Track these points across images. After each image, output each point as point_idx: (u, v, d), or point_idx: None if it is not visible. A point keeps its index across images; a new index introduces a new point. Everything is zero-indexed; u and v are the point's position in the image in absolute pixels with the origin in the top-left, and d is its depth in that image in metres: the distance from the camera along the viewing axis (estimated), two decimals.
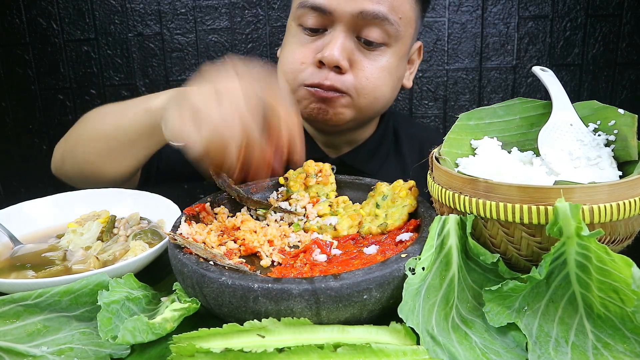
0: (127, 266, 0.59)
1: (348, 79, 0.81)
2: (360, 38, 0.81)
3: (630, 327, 0.45)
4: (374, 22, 0.79)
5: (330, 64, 0.79)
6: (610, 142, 0.60)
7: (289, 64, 0.84)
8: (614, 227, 0.49)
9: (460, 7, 1.44)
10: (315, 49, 0.82)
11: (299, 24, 0.84)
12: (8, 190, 1.59)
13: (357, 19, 0.78)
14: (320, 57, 0.79)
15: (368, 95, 0.83)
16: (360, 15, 0.78)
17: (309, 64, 0.82)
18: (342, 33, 0.79)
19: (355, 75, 0.82)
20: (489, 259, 0.51)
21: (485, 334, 0.48)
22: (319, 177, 0.74)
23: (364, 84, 0.82)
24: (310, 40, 0.83)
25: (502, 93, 1.51)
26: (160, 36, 1.46)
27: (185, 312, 0.51)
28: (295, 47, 0.84)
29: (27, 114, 1.52)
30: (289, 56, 0.85)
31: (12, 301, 0.51)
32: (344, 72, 0.81)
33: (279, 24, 1.45)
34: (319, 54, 0.80)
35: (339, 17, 0.79)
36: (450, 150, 0.64)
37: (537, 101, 0.67)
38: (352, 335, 0.46)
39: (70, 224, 0.75)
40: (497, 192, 0.50)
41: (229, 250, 0.61)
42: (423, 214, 0.63)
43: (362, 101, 0.84)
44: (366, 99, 0.84)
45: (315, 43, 0.82)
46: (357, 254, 0.59)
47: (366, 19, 0.78)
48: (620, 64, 1.48)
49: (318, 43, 0.82)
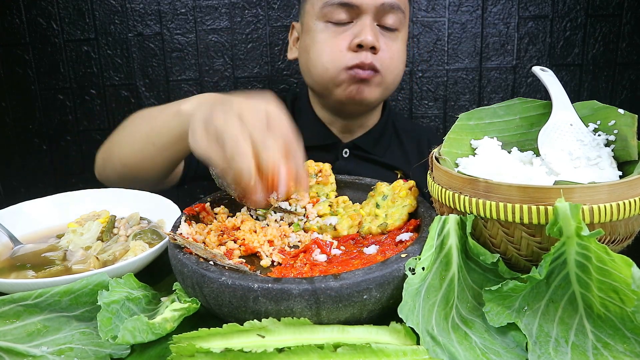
0: (127, 266, 0.59)
1: (380, 57, 0.96)
2: (380, 25, 0.97)
3: (630, 327, 0.45)
4: (391, 10, 0.95)
5: (368, 45, 0.93)
6: (610, 142, 0.60)
7: (329, 54, 0.96)
8: (614, 227, 0.49)
9: (460, 7, 1.44)
10: (347, 37, 0.95)
11: (327, 21, 0.96)
12: (8, 190, 1.58)
13: (379, 9, 0.94)
14: (359, 41, 0.93)
15: (392, 72, 0.99)
16: (382, 7, 0.94)
17: (345, 51, 0.95)
18: (368, 21, 0.94)
19: (383, 54, 0.96)
20: (489, 259, 0.51)
21: (485, 334, 0.48)
22: (319, 177, 0.74)
23: (388, 63, 0.97)
24: (341, 31, 0.96)
25: (502, 93, 1.51)
26: (160, 36, 1.46)
27: (185, 312, 0.51)
28: (329, 39, 0.97)
29: (27, 114, 1.52)
30: (325, 48, 0.97)
31: (12, 301, 0.51)
32: (377, 52, 0.95)
33: (279, 24, 1.45)
34: (356, 39, 0.93)
35: (365, 9, 0.94)
36: (450, 150, 0.64)
37: (537, 101, 0.67)
38: (352, 335, 0.46)
39: (70, 224, 0.75)
40: (497, 192, 0.50)
41: (229, 250, 0.61)
42: (423, 214, 0.63)
43: (388, 78, 0.99)
44: (391, 76, 1.00)
45: (346, 33, 0.96)
46: (357, 254, 0.59)
47: (385, 9, 0.95)
48: (620, 64, 1.48)
49: (348, 32, 0.95)
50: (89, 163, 1.57)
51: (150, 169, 0.85)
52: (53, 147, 1.55)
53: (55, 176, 1.58)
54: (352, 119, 1.07)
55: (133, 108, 1.49)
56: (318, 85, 1.01)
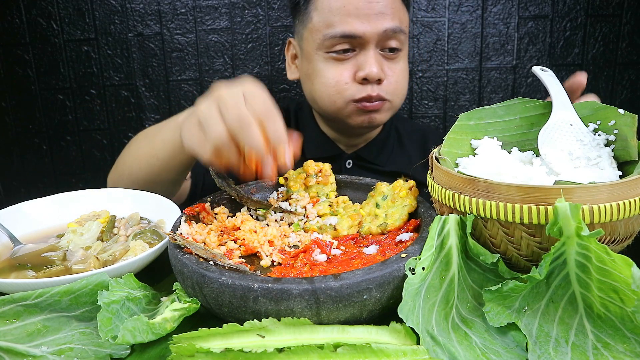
0: (127, 266, 0.59)
1: (386, 85, 0.95)
2: (384, 49, 0.95)
3: (630, 327, 0.45)
4: (393, 35, 0.93)
5: (374, 79, 0.93)
6: (610, 142, 0.60)
7: (333, 86, 0.95)
8: (614, 227, 0.49)
9: (460, 7, 1.44)
10: (351, 68, 0.94)
11: (329, 51, 0.94)
12: (8, 190, 1.58)
13: (382, 36, 0.92)
14: (364, 75, 0.92)
15: (399, 94, 1.00)
16: (384, 33, 0.92)
17: (351, 82, 0.94)
18: (372, 51, 0.93)
19: (388, 82, 0.96)
20: (489, 259, 0.51)
21: (485, 334, 0.48)
22: (319, 177, 0.74)
23: (394, 87, 0.97)
24: (344, 61, 0.95)
25: (502, 93, 1.51)
26: (160, 36, 1.46)
27: (185, 312, 0.51)
28: (332, 70, 0.95)
29: (27, 114, 1.52)
30: (329, 80, 0.95)
31: (12, 301, 0.51)
32: (382, 81, 0.94)
33: (279, 24, 1.45)
34: (361, 72, 0.92)
35: (369, 39, 0.92)
36: (450, 150, 0.64)
37: (537, 101, 0.67)
38: (352, 335, 0.46)
39: (70, 224, 0.74)
40: (497, 192, 0.50)
41: (229, 250, 0.61)
42: (423, 214, 0.63)
43: (396, 101, 0.99)
44: (398, 98, 1.00)
45: (350, 63, 0.94)
46: (357, 254, 0.59)
47: (388, 35, 0.93)
48: (620, 64, 1.48)
49: (352, 62, 0.94)
50: (89, 163, 1.57)
51: (159, 183, 0.88)
52: (53, 147, 1.55)
53: (55, 176, 1.58)
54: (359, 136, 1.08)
55: (133, 108, 1.49)
56: (326, 113, 1.01)
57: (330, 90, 0.95)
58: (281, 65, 1.48)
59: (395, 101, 0.99)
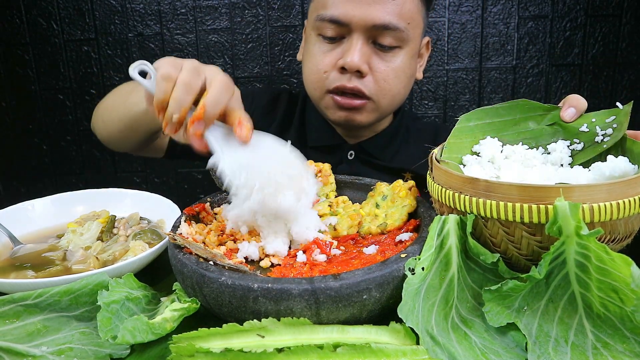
0: (127, 266, 0.59)
1: (369, 81, 0.88)
2: (375, 43, 0.88)
3: (629, 327, 0.45)
4: (386, 31, 0.86)
5: (352, 68, 0.86)
6: (606, 136, 0.61)
7: (313, 74, 0.91)
8: (614, 226, 0.49)
9: (460, 7, 1.44)
10: (335, 56, 0.89)
11: (319, 34, 0.90)
12: (8, 191, 1.59)
13: (370, 29, 0.86)
14: (342, 63, 0.86)
15: (386, 95, 0.91)
16: (374, 27, 0.85)
17: (330, 72, 0.89)
18: (359, 40, 0.86)
19: (375, 79, 0.89)
20: (489, 258, 0.51)
21: (485, 334, 0.48)
22: (319, 177, 0.74)
23: (382, 86, 0.89)
24: (330, 48, 0.90)
25: (502, 93, 1.51)
26: (160, 36, 1.46)
27: (185, 312, 0.51)
28: (317, 56, 0.91)
29: (27, 114, 1.52)
30: (312, 66, 0.92)
31: (12, 301, 0.51)
32: (364, 75, 0.87)
33: (279, 24, 1.45)
34: (341, 60, 0.87)
35: (355, 27, 0.86)
36: (451, 156, 0.64)
37: (537, 103, 0.67)
38: (351, 335, 0.46)
39: (70, 224, 0.74)
40: (497, 192, 0.50)
41: (229, 250, 0.61)
42: (423, 214, 0.63)
43: (382, 102, 0.91)
44: (385, 99, 0.91)
45: (335, 50, 0.89)
46: (357, 254, 0.59)
47: (378, 29, 0.86)
48: (620, 64, 1.48)
49: (338, 50, 0.89)
50: (89, 163, 1.57)
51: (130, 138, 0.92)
52: (53, 147, 1.55)
53: (55, 176, 1.58)
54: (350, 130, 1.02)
55: None
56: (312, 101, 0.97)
57: (312, 77, 0.92)
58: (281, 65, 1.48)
59: (381, 102, 0.91)
